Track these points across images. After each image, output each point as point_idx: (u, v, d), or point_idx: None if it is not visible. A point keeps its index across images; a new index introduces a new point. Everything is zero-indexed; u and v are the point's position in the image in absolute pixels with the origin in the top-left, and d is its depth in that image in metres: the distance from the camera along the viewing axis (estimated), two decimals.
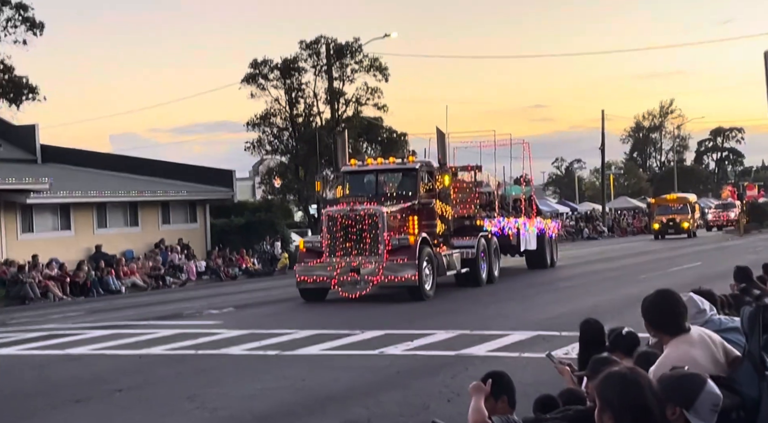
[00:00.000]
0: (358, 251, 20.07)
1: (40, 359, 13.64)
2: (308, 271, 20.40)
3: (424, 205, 21.53)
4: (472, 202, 23.84)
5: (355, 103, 46.45)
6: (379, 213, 20.07)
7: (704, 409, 3.44)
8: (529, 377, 10.40)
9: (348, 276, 19.88)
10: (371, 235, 20.01)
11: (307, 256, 20.73)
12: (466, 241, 23.02)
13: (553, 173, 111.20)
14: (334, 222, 20.26)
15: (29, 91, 25.68)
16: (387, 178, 22.56)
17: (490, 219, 24.65)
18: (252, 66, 45.59)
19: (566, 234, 57.67)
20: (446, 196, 22.24)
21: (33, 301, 25.24)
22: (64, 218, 33.00)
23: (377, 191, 21.89)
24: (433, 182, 22.18)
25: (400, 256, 19.78)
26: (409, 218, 21.06)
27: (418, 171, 21.93)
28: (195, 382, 11.09)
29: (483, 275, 23.41)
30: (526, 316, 16.58)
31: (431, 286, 20.48)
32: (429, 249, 20.55)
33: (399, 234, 20.29)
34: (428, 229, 21.28)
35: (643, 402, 3.25)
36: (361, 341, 14.03)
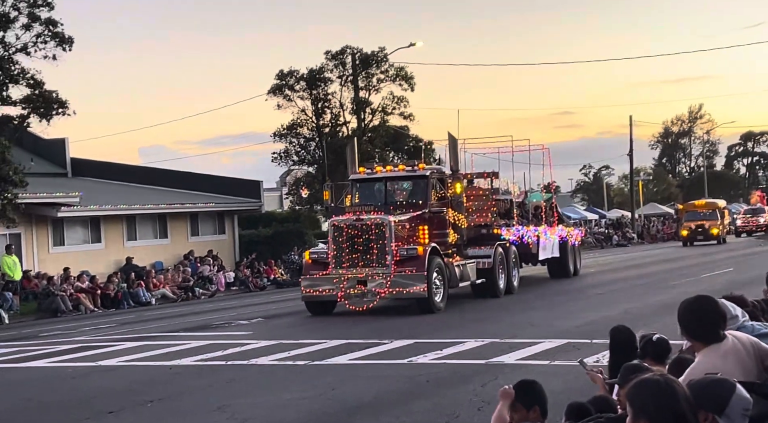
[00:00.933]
0: (364, 262, 19.39)
1: (73, 371, 13.76)
2: (314, 283, 19.74)
3: (435, 213, 20.82)
4: (488, 210, 23.18)
5: (381, 112, 46.60)
6: (386, 222, 19.38)
7: (736, 413, 3.43)
8: (559, 385, 10.33)
9: (355, 288, 19.21)
10: (378, 245, 19.33)
11: (313, 268, 20.06)
12: (483, 251, 22.31)
13: (581, 180, 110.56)
14: (340, 232, 19.62)
15: (59, 106, 25.93)
16: (396, 186, 21.85)
17: (508, 227, 23.93)
18: (278, 77, 45.90)
19: (595, 241, 57.37)
20: (459, 204, 21.47)
21: (65, 313, 25.49)
22: (95, 231, 33.34)
23: (386, 200, 21.20)
24: (445, 190, 21.48)
25: (408, 267, 19.10)
26: (419, 228, 20.34)
27: (429, 178, 21.27)
28: (225, 393, 11.13)
29: (501, 285, 22.68)
30: (555, 324, 16.49)
31: (442, 297, 19.75)
32: (439, 259, 19.85)
33: (408, 244, 19.62)
34: (439, 239, 20.55)
35: (678, 409, 3.23)
36: (390, 350, 14.02)
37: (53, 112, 25.92)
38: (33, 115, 26.13)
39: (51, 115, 25.93)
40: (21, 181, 25.86)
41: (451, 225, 21.16)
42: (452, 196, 21.35)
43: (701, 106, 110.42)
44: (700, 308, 4.59)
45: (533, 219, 26.70)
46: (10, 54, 25.54)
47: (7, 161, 25.55)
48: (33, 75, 25.69)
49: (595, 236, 59.14)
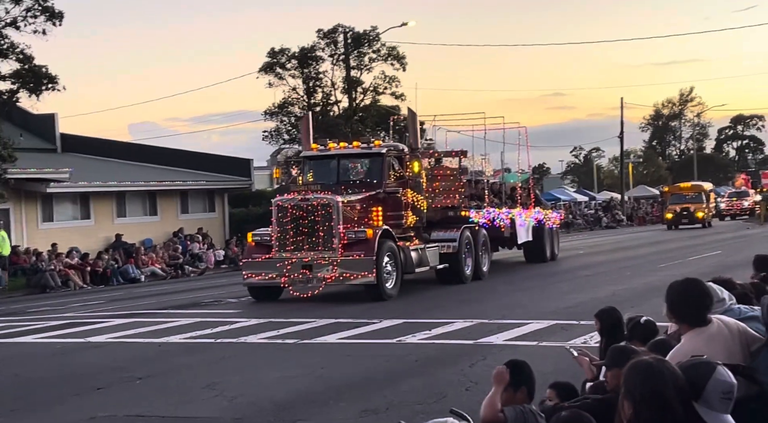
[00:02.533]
0: (310, 246, 18.12)
1: (61, 347, 13.76)
2: (256, 267, 18.48)
3: (390, 193, 19.48)
4: (456, 191, 21.97)
5: (373, 92, 46.45)
6: (333, 203, 18.12)
7: (713, 398, 3.32)
8: (548, 366, 10.38)
9: (299, 273, 18.02)
10: (324, 227, 18.08)
11: (256, 251, 18.80)
12: (447, 234, 21.09)
13: (571, 162, 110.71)
14: (284, 213, 18.33)
15: (49, 81, 25.70)
16: (351, 164, 20.39)
17: (478, 210, 22.71)
18: (270, 55, 45.66)
19: (584, 223, 57.51)
20: (417, 184, 20.09)
21: (53, 289, 25.46)
22: (84, 207, 33.25)
23: (338, 179, 19.82)
24: (404, 169, 20.18)
25: (357, 252, 17.91)
26: (372, 209, 19.03)
27: (384, 156, 19.83)
28: (214, 371, 11.16)
29: (467, 271, 21.48)
30: (544, 306, 16.56)
31: (394, 284, 18.55)
32: (391, 243, 18.63)
33: (359, 226, 18.36)
34: (394, 221, 19.34)
35: (663, 393, 3.20)
36: (380, 330, 14.07)
37: (43, 88, 25.71)
38: (22, 90, 25.92)
39: (40, 90, 25.71)
40: (10, 156, 25.74)
41: (410, 206, 19.96)
42: (410, 176, 20.07)
43: (692, 89, 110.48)
44: (687, 290, 4.60)
45: (508, 201, 25.64)
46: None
47: None
48: (22, 50, 25.48)
49: (585, 218, 59.29)
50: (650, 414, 3.19)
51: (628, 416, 3.24)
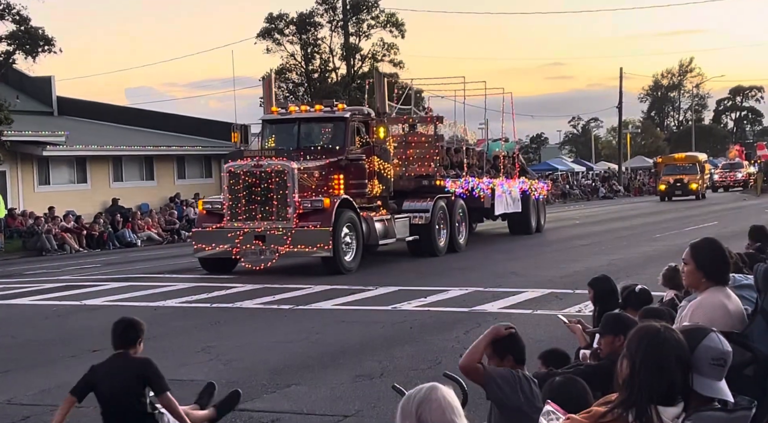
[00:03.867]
0: (263, 215, 17.14)
1: (57, 310, 13.80)
2: (206, 237, 17.54)
3: (353, 161, 18.36)
4: (430, 158, 20.90)
5: (371, 59, 46.23)
6: (288, 170, 17.04)
7: (703, 364, 3.28)
8: (542, 334, 10.46)
9: (252, 244, 17.07)
10: (279, 196, 17.05)
11: (207, 220, 17.83)
12: (420, 205, 20.10)
13: (569, 132, 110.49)
14: (237, 180, 17.26)
15: (45, 43, 25.53)
16: (312, 129, 19.38)
17: (455, 179, 21.66)
18: (268, 20, 45.39)
19: (582, 193, 57.53)
20: (383, 150, 18.98)
21: (50, 252, 25.48)
22: (81, 171, 33.21)
23: (299, 144, 18.72)
24: (370, 135, 19.09)
25: (313, 222, 16.94)
26: (334, 177, 18.01)
27: (348, 121, 18.68)
28: (210, 335, 11.20)
29: (441, 243, 20.49)
30: (539, 274, 16.61)
31: (354, 256, 17.62)
32: (351, 213, 17.62)
33: (317, 195, 17.39)
34: (357, 190, 18.30)
35: (663, 359, 3.21)
36: (375, 297, 14.11)
37: (39, 50, 25.56)
38: (19, 52, 25.76)
39: (37, 52, 25.56)
40: (6, 119, 25.65)
41: (375, 175, 18.91)
42: (376, 142, 18.97)
43: (692, 60, 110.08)
44: (716, 248, 4.66)
45: (491, 170, 24.75)
46: None
47: None
48: (19, 11, 25.30)
49: (582, 188, 59.30)
50: (647, 377, 3.20)
51: (625, 376, 3.25)
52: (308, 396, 8.03)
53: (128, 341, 6.24)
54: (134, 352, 6.20)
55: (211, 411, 6.51)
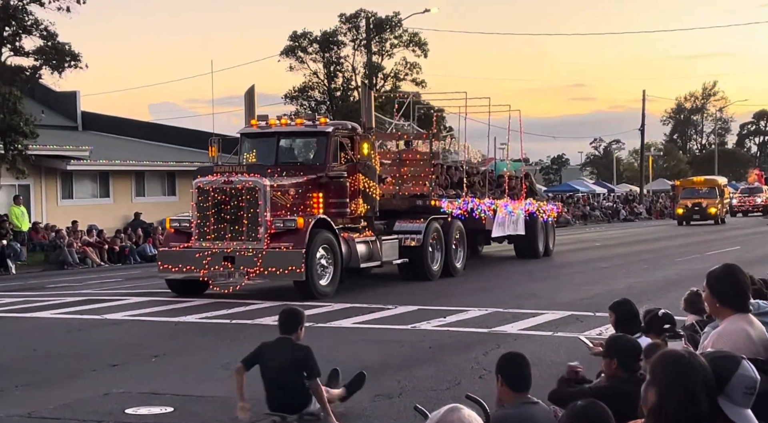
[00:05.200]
0: (233, 235, 16.09)
1: (78, 323, 13.88)
2: (172, 257, 16.45)
3: (334, 178, 17.30)
4: (425, 177, 20.07)
5: (393, 78, 46.39)
6: (260, 186, 16.00)
7: (737, 392, 3.30)
8: (562, 357, 10.38)
9: (220, 266, 16.00)
10: (249, 214, 16.01)
11: (174, 239, 16.84)
12: (412, 226, 19.12)
13: (591, 153, 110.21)
14: (205, 196, 16.24)
15: (71, 59, 25.78)
16: (292, 144, 18.56)
17: (452, 199, 20.72)
18: (291, 38, 45.69)
19: (602, 215, 57.27)
20: (368, 168, 18.00)
21: (71, 266, 25.63)
22: (103, 185, 33.47)
23: (277, 160, 17.69)
24: (355, 152, 18.08)
25: (285, 243, 15.87)
26: (313, 195, 17.02)
27: (330, 136, 17.60)
28: (229, 351, 11.20)
29: (434, 267, 19.53)
30: (559, 296, 16.53)
31: (330, 280, 16.51)
32: (328, 234, 16.52)
33: (292, 214, 16.35)
34: (338, 209, 17.26)
35: (690, 386, 3.19)
36: (394, 316, 14.09)
37: (65, 65, 25.80)
38: (45, 67, 26.03)
39: (63, 67, 25.81)
40: (32, 133, 25.88)
41: (360, 193, 17.87)
42: (360, 159, 17.97)
43: (715, 83, 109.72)
44: (733, 276, 4.63)
45: (496, 190, 23.98)
46: (24, 4, 25.39)
47: (18, 112, 25.53)
48: (46, 26, 25.58)
49: (603, 210, 59.05)
50: (676, 406, 3.17)
51: (651, 405, 3.23)
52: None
53: (291, 328, 7.46)
54: (296, 337, 7.46)
55: (342, 390, 7.93)
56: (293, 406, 7.42)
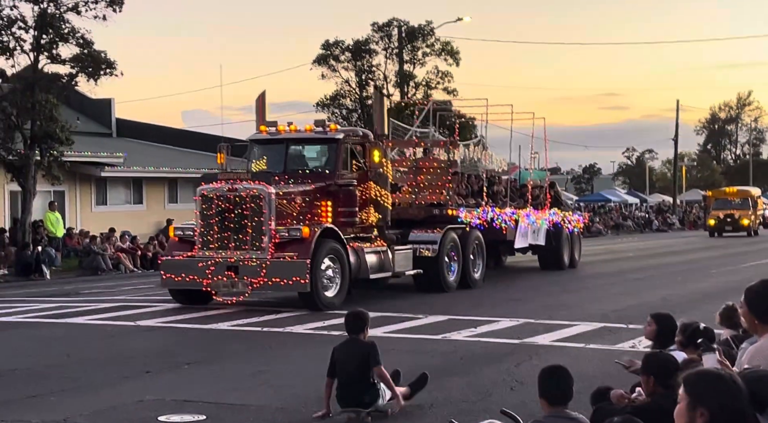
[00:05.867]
0: (236, 244, 15.66)
1: (112, 329, 14.00)
2: (175, 267, 16.02)
3: (342, 186, 16.84)
4: (443, 186, 19.59)
5: (425, 86, 46.36)
6: (264, 194, 15.56)
7: None
8: (593, 369, 10.32)
9: (223, 276, 15.59)
10: (253, 223, 15.61)
11: (177, 248, 16.41)
12: (427, 235, 18.67)
13: (623, 163, 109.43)
14: (209, 204, 15.85)
15: (107, 66, 26.01)
16: (302, 151, 18.18)
17: (471, 208, 20.23)
18: (324, 47, 45.83)
19: (635, 225, 56.80)
20: (379, 175, 17.50)
21: (105, 272, 25.87)
22: (137, 192, 33.76)
23: (286, 167, 17.29)
24: (366, 159, 17.63)
25: (289, 253, 15.42)
26: (321, 203, 16.59)
27: (340, 143, 17.22)
28: (261, 359, 11.26)
29: (450, 278, 19.06)
30: (592, 307, 16.41)
31: (337, 291, 16.05)
32: (335, 244, 16.03)
33: (298, 223, 15.97)
34: (347, 219, 16.80)
35: (739, 404, 3.16)
36: (425, 325, 14.06)
37: (101, 72, 26.04)
38: (81, 75, 26.31)
39: (99, 75, 26.03)
40: (67, 140, 26.16)
41: (371, 202, 17.43)
42: (371, 166, 17.52)
43: (750, 93, 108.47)
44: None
45: (519, 200, 23.52)
46: (61, 13, 25.66)
47: (54, 119, 25.82)
48: (83, 34, 25.86)
49: (635, 220, 58.59)
50: None
51: None
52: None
53: (358, 329, 8.18)
54: (363, 337, 8.18)
55: (406, 389, 8.41)
56: (364, 402, 8.01)
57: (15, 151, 25.73)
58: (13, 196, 28.58)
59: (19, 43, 25.72)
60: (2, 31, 25.51)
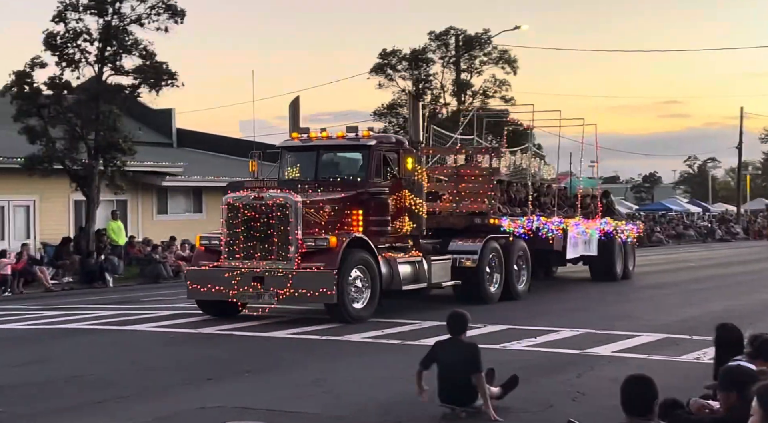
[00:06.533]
0: (262, 254, 15.26)
1: (174, 337, 14.18)
2: (201, 277, 15.66)
3: (374, 194, 16.30)
4: (485, 194, 19.08)
5: (482, 95, 46.22)
6: (291, 203, 15.16)
7: None
8: (657, 381, 10.12)
9: (250, 287, 15.17)
10: (279, 232, 15.18)
11: (204, 258, 16.08)
12: (467, 245, 18.21)
13: (684, 172, 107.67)
14: (235, 213, 15.50)
15: (169, 77, 26.50)
16: (333, 158, 17.71)
17: (514, 217, 19.69)
18: (381, 56, 45.99)
19: (697, 235, 55.78)
20: (413, 183, 17.03)
21: (165, 280, 26.24)
22: (197, 201, 34.22)
23: (317, 175, 16.97)
24: (401, 167, 17.15)
25: (316, 263, 15.02)
26: (352, 212, 16.09)
27: (372, 150, 16.75)
28: (320, 367, 11.29)
29: (492, 289, 18.57)
30: (654, 318, 16.13)
31: (366, 303, 15.53)
32: (364, 254, 15.57)
33: (327, 232, 15.52)
34: (378, 228, 16.28)
35: None
36: (484, 335, 13.94)
37: (163, 83, 26.52)
38: (143, 86, 26.82)
39: (160, 85, 26.51)
40: (130, 149, 26.66)
41: (406, 210, 16.95)
42: (404, 175, 17.06)
43: None
44: None
45: (569, 209, 22.89)
46: (125, 25, 26.21)
47: (117, 129, 26.34)
48: (145, 46, 26.36)
49: (698, 230, 57.54)
50: None
51: None
52: None
53: (460, 329, 8.69)
54: (464, 337, 8.71)
55: (499, 390, 8.85)
56: (462, 399, 8.45)
57: (80, 161, 26.28)
58: (77, 205, 29.18)
59: (84, 55, 26.32)
60: (68, 43, 26.11)
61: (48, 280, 23.68)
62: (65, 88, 26.36)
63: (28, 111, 25.81)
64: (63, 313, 17.18)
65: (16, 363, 11.78)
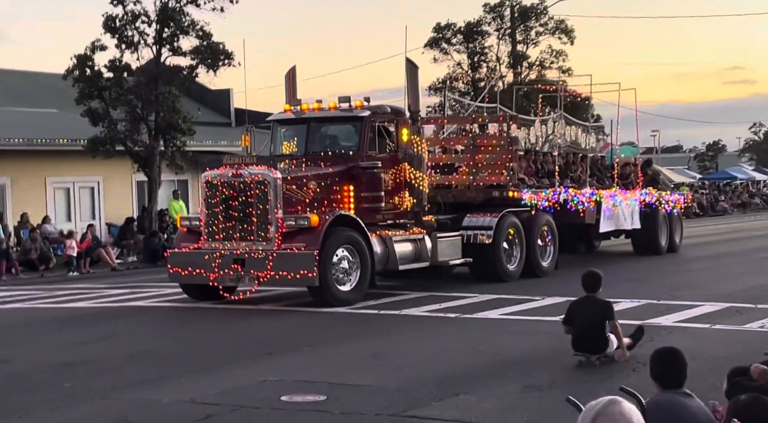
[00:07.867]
0: (242, 234, 14.47)
1: (234, 313, 14.42)
2: (182, 259, 14.90)
3: (366, 169, 15.41)
4: (503, 165, 17.97)
5: (539, 66, 45.70)
6: (270, 179, 14.28)
7: None
8: (719, 350, 10.04)
9: (230, 269, 14.41)
10: (258, 211, 14.37)
11: (185, 240, 15.29)
12: (481, 220, 17.14)
13: (749, 139, 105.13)
14: (214, 191, 14.67)
15: (225, 57, 26.73)
16: (325, 130, 16.59)
17: (538, 190, 18.49)
18: (435, 30, 45.70)
19: (763, 203, 54.60)
20: (411, 156, 16.15)
21: None
22: None
23: (307, 149, 16.01)
24: (398, 139, 16.25)
25: (297, 244, 14.12)
26: (342, 188, 15.18)
27: (365, 121, 15.76)
28: (378, 341, 11.40)
29: (511, 267, 17.50)
30: (717, 287, 15.89)
31: (354, 285, 14.62)
32: (351, 232, 14.63)
33: (311, 210, 14.57)
34: (371, 204, 15.39)
35: None
36: (542, 307, 13.92)
37: (220, 64, 26.77)
38: (201, 66, 27.09)
39: (218, 66, 26.76)
40: (189, 130, 27.02)
41: (405, 185, 16.14)
42: (403, 147, 16.18)
43: None
44: None
45: (605, 179, 21.87)
46: (181, 6, 26.49)
47: (176, 110, 26.70)
48: (202, 26, 26.59)
49: (764, 198, 56.30)
50: None
51: None
52: (476, 405, 8.02)
53: (594, 287, 9.69)
54: (598, 294, 9.70)
55: (629, 340, 9.76)
56: (596, 348, 9.45)
57: (141, 142, 26.74)
58: (140, 185, 29.72)
59: (142, 37, 26.67)
60: (127, 26, 26.49)
61: (113, 259, 24.22)
62: (125, 71, 26.76)
63: (89, 94, 26.30)
64: (128, 291, 17.58)
65: (83, 340, 12.12)
